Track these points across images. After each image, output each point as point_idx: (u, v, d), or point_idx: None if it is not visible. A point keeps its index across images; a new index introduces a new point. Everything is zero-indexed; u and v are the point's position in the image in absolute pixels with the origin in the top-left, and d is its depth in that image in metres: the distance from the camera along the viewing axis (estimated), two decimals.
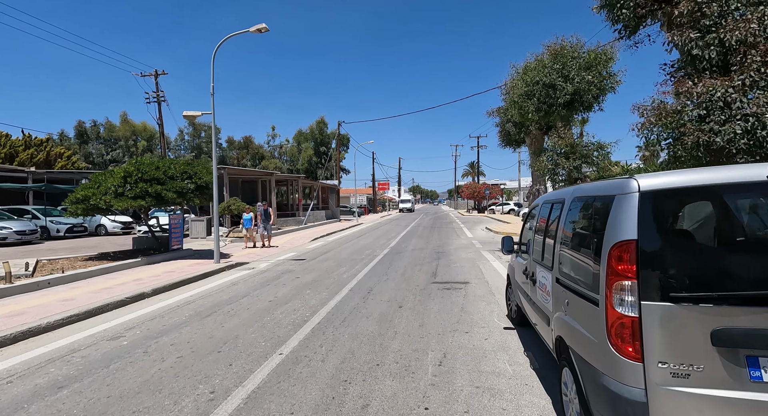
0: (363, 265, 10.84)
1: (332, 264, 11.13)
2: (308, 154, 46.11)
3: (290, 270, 10.31)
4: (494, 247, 14.25)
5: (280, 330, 5.38)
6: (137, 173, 10.41)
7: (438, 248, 14.52)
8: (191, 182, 11.39)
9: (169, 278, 8.59)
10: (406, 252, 13.44)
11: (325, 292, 7.67)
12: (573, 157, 8.33)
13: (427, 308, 6.38)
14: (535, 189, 11.68)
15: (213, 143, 11.22)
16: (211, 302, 7.10)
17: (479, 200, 50.88)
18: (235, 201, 17.06)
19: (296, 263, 11.44)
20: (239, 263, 11.33)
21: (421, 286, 8.03)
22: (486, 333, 5.15)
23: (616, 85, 8.48)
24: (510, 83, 9.33)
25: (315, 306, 6.62)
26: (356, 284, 8.36)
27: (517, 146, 12.59)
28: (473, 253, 12.93)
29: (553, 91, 8.41)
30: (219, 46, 10.92)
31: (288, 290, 7.89)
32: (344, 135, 44.00)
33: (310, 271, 10.12)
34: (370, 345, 4.77)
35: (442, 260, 11.54)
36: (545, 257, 3.53)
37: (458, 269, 9.85)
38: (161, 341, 5.03)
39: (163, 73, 31.87)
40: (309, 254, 13.60)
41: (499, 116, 12.33)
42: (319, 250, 14.62)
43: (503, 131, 12.10)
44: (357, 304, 6.72)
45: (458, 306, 6.45)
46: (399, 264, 10.87)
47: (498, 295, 7.16)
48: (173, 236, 12.13)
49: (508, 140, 12.37)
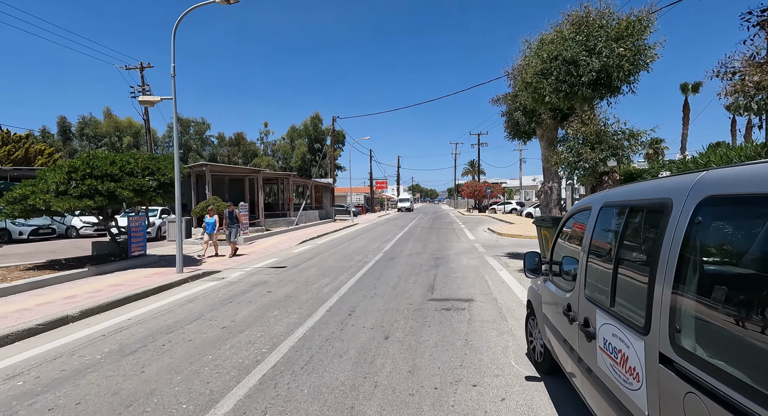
0: (350, 275, 9.38)
1: (315, 274, 9.66)
2: (302, 151, 44.26)
3: (264, 282, 8.84)
4: (499, 251, 12.79)
5: (218, 380, 3.91)
6: (85, 168, 8.93)
7: (437, 252, 13.06)
8: (153, 178, 9.91)
9: (112, 294, 7.12)
10: (400, 258, 11.98)
11: (297, 314, 6.21)
12: (600, 147, 6.85)
13: (421, 340, 4.92)
14: (547, 187, 10.20)
15: (175, 132, 9.79)
16: (149, 328, 5.63)
17: (480, 199, 49.40)
18: (215, 200, 15.60)
19: (274, 272, 9.97)
20: (208, 273, 9.86)
21: (415, 305, 6.57)
22: (502, 386, 3.68)
23: (650, 61, 7.01)
24: (522, 62, 7.87)
25: (277, 336, 5.15)
26: (337, 301, 6.90)
27: (527, 138, 11.12)
28: (476, 259, 11.46)
29: (575, 69, 6.93)
30: (181, 20, 9.43)
31: (252, 311, 6.42)
32: (339, 131, 42.37)
33: (287, 283, 8.65)
34: (337, 410, 3.31)
35: (441, 268, 10.08)
36: (623, 304, 2.06)
37: (460, 281, 8.39)
38: (38, 403, 3.55)
39: (148, 66, 30.39)
40: (292, 260, 12.13)
41: (506, 104, 10.86)
42: (305, 255, 13.15)
43: (510, 121, 10.61)
44: (332, 333, 5.26)
45: (461, 338, 4.98)
46: (391, 274, 9.40)
47: (511, 320, 5.69)
48: (134, 241, 10.65)
49: (516, 132, 10.88)
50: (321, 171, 41.17)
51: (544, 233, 9.08)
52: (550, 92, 7.25)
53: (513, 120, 10.68)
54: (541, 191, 10.65)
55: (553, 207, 10.40)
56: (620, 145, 6.91)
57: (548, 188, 10.46)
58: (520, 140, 11.33)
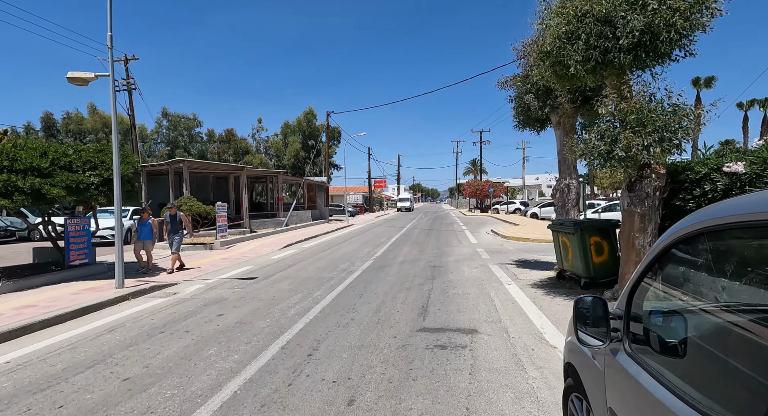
0: (327, 289, 7.77)
1: (286, 288, 8.06)
2: (295, 148, 42.30)
3: (221, 299, 7.24)
4: (505, 258, 11.16)
5: None
6: (3, 159, 7.33)
7: (434, 259, 11.44)
8: (95, 174, 8.31)
9: (13, 320, 5.52)
10: (392, 266, 10.35)
11: (239, 353, 4.60)
12: (644, 131, 5.21)
13: (400, 409, 3.30)
14: (563, 184, 8.56)
15: (113, 119, 8.23)
16: (20, 382, 4.02)
17: (482, 199, 47.70)
18: (188, 200, 13.97)
19: (239, 286, 8.37)
20: (159, 286, 8.27)
21: (401, 338, 4.95)
22: None
23: (710, 18, 5.36)
24: (539, 26, 6.20)
25: (193, 398, 3.54)
26: (299, 332, 5.29)
27: (539, 127, 9.47)
28: (479, 268, 9.84)
29: (610, 29, 5.26)
30: None
31: (182, 347, 4.81)
32: (335, 128, 40.50)
33: (248, 301, 7.05)
34: None
35: (438, 280, 8.46)
36: None
37: (460, 300, 6.77)
38: None
39: (133, 58, 28.79)
40: (267, 268, 10.52)
41: (514, 87, 9.20)
42: (284, 262, 11.54)
43: (520, 106, 8.97)
44: (274, 390, 3.64)
45: (461, 404, 3.36)
46: (378, 289, 7.78)
47: (531, 369, 4.06)
48: (73, 248, 9.06)
49: (527, 120, 9.24)
50: (315, 169, 39.48)
51: (563, 240, 7.45)
52: (576, 62, 5.62)
53: (523, 105, 9.03)
54: (556, 189, 9.01)
55: (570, 208, 8.77)
56: (670, 127, 5.27)
57: (564, 185, 8.82)
58: (532, 130, 9.69)
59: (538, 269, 9.60)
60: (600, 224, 6.92)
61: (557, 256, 8.00)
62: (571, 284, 7.62)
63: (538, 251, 13.06)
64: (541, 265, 10.34)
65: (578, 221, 7.01)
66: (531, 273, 9.12)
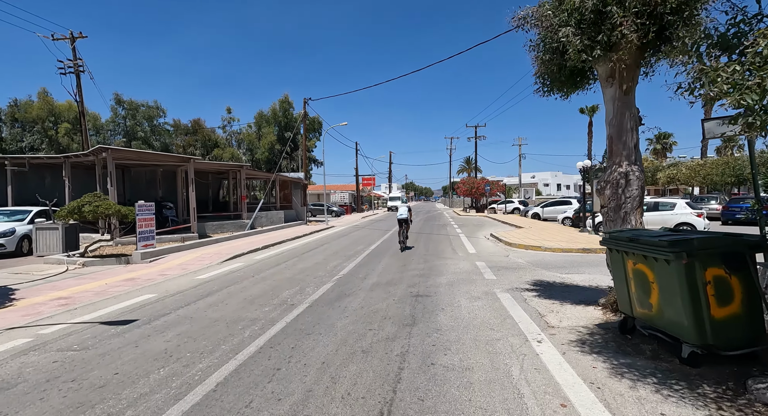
0: (227, 354, 4.46)
1: (158, 350, 4.73)
2: (269, 140, 38.08)
3: (12, 382, 3.90)
4: (516, 279, 7.89)
5: None
6: None
7: (419, 281, 8.16)
8: None
9: None
10: (356, 296, 7.07)
11: None
12: None
13: None
14: (620, 173, 5.43)
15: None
16: None
17: (477, 198, 44.52)
18: (93, 199, 10.52)
19: (83, 345, 5.03)
20: None
21: None
22: None
23: None
24: None
25: None
26: None
27: (576, 85, 6.22)
28: (484, 300, 6.59)
29: None
30: None
31: None
32: (314, 118, 36.66)
33: (50, 393, 3.71)
34: None
35: (419, 328, 5.19)
36: None
37: (456, 387, 3.50)
38: None
39: (80, 36, 25.26)
40: (170, 300, 7.17)
41: (539, 23, 5.89)
42: (206, 287, 8.19)
43: (549, 52, 5.70)
44: None
45: None
46: (314, 353, 4.48)
47: None
48: None
49: (558, 73, 6.00)
50: (293, 164, 35.86)
51: (639, 268, 4.19)
52: None
53: (553, 50, 5.77)
54: (605, 181, 5.76)
55: (630, 211, 5.52)
56: None
57: (620, 175, 5.58)
58: (560, 92, 6.43)
59: (570, 302, 6.37)
60: (725, 245, 3.64)
61: (620, 293, 4.74)
62: (652, 347, 4.37)
63: (557, 265, 9.85)
64: (571, 291, 7.14)
65: (680, 237, 3.77)
66: (564, 310, 5.87)
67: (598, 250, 11.96)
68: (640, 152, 5.64)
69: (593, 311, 5.86)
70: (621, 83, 5.46)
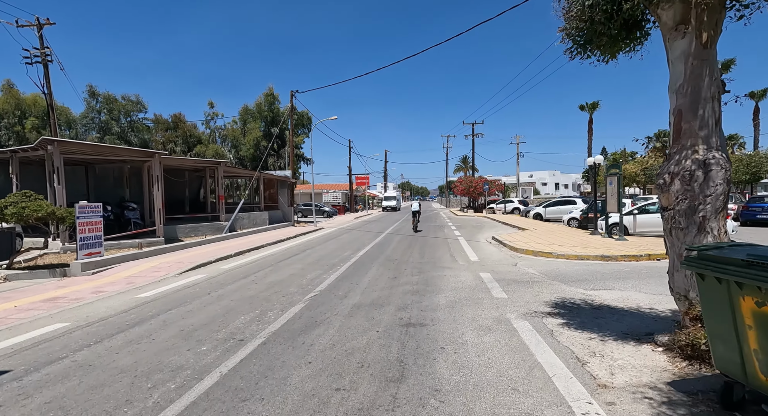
0: None
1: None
2: (255, 136, 35.99)
3: None
4: (533, 298, 6.21)
5: None
6: None
7: (411, 301, 6.48)
8: None
9: None
10: (329, 325, 5.38)
11: None
12: None
13: None
14: (695, 162, 3.62)
15: None
16: None
17: (475, 198, 42.89)
18: (19, 199, 8.77)
19: None
20: None
21: None
22: None
23: None
24: None
25: None
26: None
27: (630, 38, 4.53)
28: (498, 333, 4.94)
29: None
30: None
31: None
32: (303, 113, 34.76)
33: None
34: None
35: (409, 382, 3.53)
36: None
37: None
38: None
39: (47, 22, 23.35)
40: (78, 335, 5.47)
41: None
42: (143, 312, 6.47)
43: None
44: None
45: None
46: None
47: None
48: None
49: (603, 28, 4.28)
50: (280, 162, 34.05)
51: (753, 308, 2.53)
52: None
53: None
54: (670, 173, 4.12)
55: (711, 215, 3.89)
56: None
57: (696, 163, 3.93)
58: (597, 50, 4.78)
59: (613, 336, 4.71)
60: None
61: (723, 344, 3.09)
62: None
63: (577, 277, 8.21)
64: (606, 317, 5.48)
65: None
66: (609, 352, 4.22)
67: (620, 257, 10.36)
68: (723, 132, 3.98)
69: (652, 354, 4.20)
70: (700, 32, 3.80)
